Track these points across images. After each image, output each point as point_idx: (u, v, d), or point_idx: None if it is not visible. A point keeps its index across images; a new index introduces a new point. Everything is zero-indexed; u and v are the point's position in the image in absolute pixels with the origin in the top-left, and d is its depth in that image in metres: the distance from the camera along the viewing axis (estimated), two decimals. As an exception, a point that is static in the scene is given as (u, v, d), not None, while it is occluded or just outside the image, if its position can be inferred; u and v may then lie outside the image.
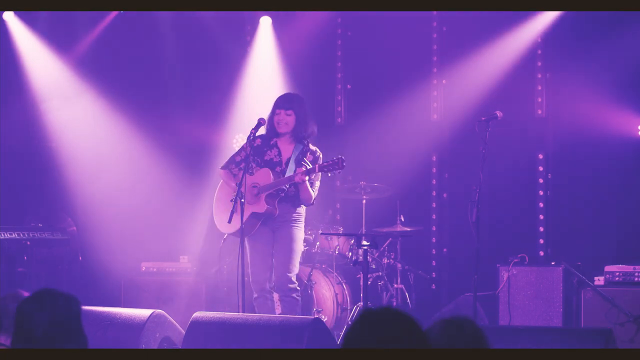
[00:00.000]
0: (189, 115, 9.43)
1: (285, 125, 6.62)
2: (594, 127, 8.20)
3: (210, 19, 9.25)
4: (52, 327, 3.07)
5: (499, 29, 8.54)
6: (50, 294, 3.15)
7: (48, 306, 3.10)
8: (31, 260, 8.42)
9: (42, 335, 3.06)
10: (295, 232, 6.64)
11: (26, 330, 3.07)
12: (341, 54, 9.45)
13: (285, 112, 6.62)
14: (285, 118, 6.61)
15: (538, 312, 7.31)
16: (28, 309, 3.10)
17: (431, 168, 9.08)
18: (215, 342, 5.48)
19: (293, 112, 6.62)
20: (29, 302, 3.13)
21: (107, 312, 6.00)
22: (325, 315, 7.64)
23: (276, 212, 6.57)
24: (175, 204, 9.18)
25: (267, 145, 6.70)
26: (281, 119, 6.62)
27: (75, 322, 3.14)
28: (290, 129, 6.63)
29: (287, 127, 6.63)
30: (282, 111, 6.63)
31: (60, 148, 9.29)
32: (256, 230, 6.61)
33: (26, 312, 3.10)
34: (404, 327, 2.48)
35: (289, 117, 6.61)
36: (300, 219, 6.69)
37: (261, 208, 6.54)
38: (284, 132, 6.64)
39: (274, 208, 6.57)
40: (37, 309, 3.09)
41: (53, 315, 3.08)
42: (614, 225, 8.21)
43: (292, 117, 6.62)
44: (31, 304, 3.12)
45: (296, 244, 6.63)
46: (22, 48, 9.28)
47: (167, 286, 8.47)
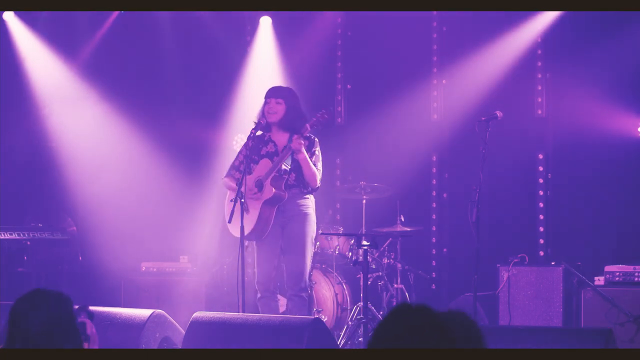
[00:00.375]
0: (189, 115, 9.43)
1: (274, 115, 6.63)
2: (594, 127, 8.20)
3: (210, 19, 9.26)
4: (47, 326, 3.08)
5: (499, 29, 8.54)
6: (42, 294, 3.16)
7: (41, 305, 3.11)
8: (31, 260, 8.43)
9: (38, 334, 3.06)
10: (307, 228, 6.61)
11: (22, 330, 3.08)
12: (341, 54, 9.44)
13: (276, 100, 6.65)
14: (275, 107, 6.63)
15: (538, 312, 7.31)
16: (22, 308, 3.12)
17: (431, 168, 9.08)
18: (215, 342, 5.48)
19: (283, 101, 6.64)
20: (22, 302, 3.15)
21: (107, 312, 6.00)
22: (325, 315, 7.64)
23: (285, 196, 6.54)
24: (175, 203, 9.18)
25: (262, 142, 6.71)
26: (271, 107, 6.63)
27: (69, 321, 3.15)
28: (280, 118, 6.63)
29: (276, 116, 6.63)
30: (272, 100, 6.66)
31: (60, 148, 9.29)
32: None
33: (21, 312, 3.11)
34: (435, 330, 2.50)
35: (278, 106, 6.63)
36: (312, 212, 6.65)
37: (269, 193, 6.53)
38: (274, 121, 6.64)
39: (283, 191, 6.54)
40: (31, 308, 3.10)
41: (47, 314, 3.10)
42: (614, 225, 8.21)
43: (282, 106, 6.63)
44: (24, 304, 3.13)
45: (307, 241, 6.60)
46: (22, 48, 9.28)
47: (167, 286, 8.47)
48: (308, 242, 6.62)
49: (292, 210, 6.59)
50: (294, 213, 6.60)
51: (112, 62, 9.38)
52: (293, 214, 6.60)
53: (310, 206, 6.68)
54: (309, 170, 6.53)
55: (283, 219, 6.61)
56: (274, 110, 6.63)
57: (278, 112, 6.64)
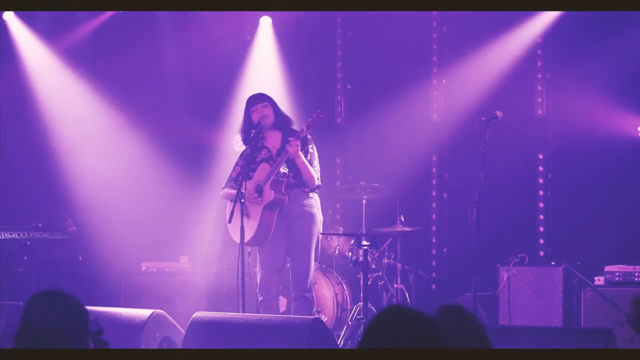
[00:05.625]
0: (189, 115, 9.43)
1: (267, 118, 6.64)
2: (594, 127, 8.20)
3: (210, 19, 9.25)
4: (62, 328, 3.07)
5: (499, 29, 8.54)
6: (62, 296, 3.15)
7: (59, 306, 3.10)
8: (31, 260, 8.43)
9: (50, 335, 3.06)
10: (312, 229, 6.61)
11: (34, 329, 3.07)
12: (341, 54, 9.44)
13: (262, 104, 6.67)
14: (264, 111, 6.65)
15: (538, 312, 7.31)
16: (40, 308, 3.10)
17: (431, 168, 9.08)
18: (215, 342, 5.48)
19: (268, 103, 6.67)
20: (39, 301, 3.13)
21: (107, 312, 6.00)
22: (325, 315, 7.64)
23: (286, 199, 6.55)
24: (175, 204, 9.17)
25: (256, 150, 6.71)
26: (261, 112, 6.64)
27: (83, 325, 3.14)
28: (273, 119, 6.65)
29: (269, 119, 6.65)
30: (257, 106, 6.67)
31: (60, 148, 9.29)
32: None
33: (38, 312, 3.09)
34: (423, 328, 2.50)
35: (266, 109, 6.66)
36: (317, 212, 6.65)
37: (269, 197, 6.53)
38: (269, 123, 6.65)
39: (283, 194, 6.54)
40: (48, 309, 3.09)
41: (64, 316, 3.09)
42: (614, 225, 8.21)
43: (269, 108, 6.66)
44: (41, 303, 3.12)
45: (312, 242, 6.61)
46: (22, 48, 9.28)
47: (167, 286, 8.47)
48: (313, 243, 6.62)
49: (297, 211, 6.59)
50: (300, 213, 6.60)
51: (112, 62, 9.37)
52: (298, 214, 6.60)
53: (315, 205, 6.67)
54: (307, 173, 6.54)
55: (288, 220, 6.61)
56: (264, 114, 6.64)
57: (269, 114, 6.65)
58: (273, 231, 6.56)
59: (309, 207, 6.62)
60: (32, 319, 3.08)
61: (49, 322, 3.06)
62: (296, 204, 6.59)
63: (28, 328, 3.09)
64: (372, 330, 2.53)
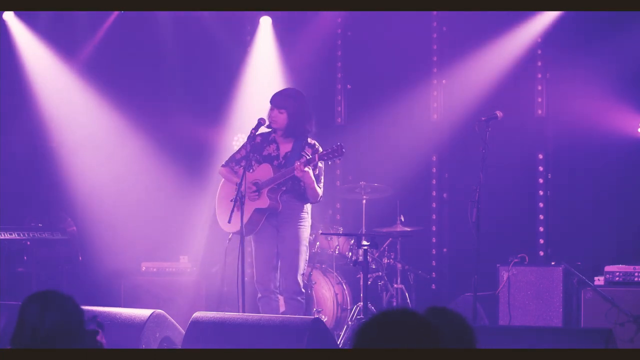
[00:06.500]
0: (189, 115, 9.43)
1: (276, 123, 6.60)
2: (594, 127, 8.20)
3: (210, 19, 9.25)
4: (59, 327, 3.07)
5: (499, 29, 8.54)
6: (58, 296, 3.15)
7: (56, 307, 3.10)
8: (31, 260, 8.43)
9: (46, 335, 3.06)
10: (301, 231, 6.61)
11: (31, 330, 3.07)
12: (341, 54, 9.44)
13: (278, 110, 6.60)
14: (277, 115, 6.59)
15: (538, 312, 7.30)
16: (36, 308, 3.10)
17: (431, 168, 9.08)
18: (215, 342, 5.48)
19: (285, 111, 6.57)
20: (34, 302, 3.13)
21: (107, 312, 6.00)
22: (325, 315, 7.64)
23: (279, 207, 6.55)
24: (175, 204, 9.18)
25: (267, 141, 6.70)
26: (273, 115, 6.60)
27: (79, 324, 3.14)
28: (282, 126, 6.61)
29: (278, 125, 6.61)
30: (274, 108, 6.62)
31: (61, 148, 9.29)
32: (260, 229, 6.60)
33: (34, 312, 3.09)
34: (416, 329, 2.50)
35: (280, 115, 6.58)
36: (306, 216, 6.65)
37: (264, 203, 6.53)
38: (277, 128, 6.63)
39: (277, 202, 6.54)
40: (44, 309, 3.09)
41: (60, 316, 3.09)
42: (614, 225, 8.21)
43: (283, 116, 6.58)
44: (36, 304, 3.12)
45: (301, 244, 6.60)
46: (22, 48, 9.28)
47: (167, 286, 8.47)
48: (302, 246, 6.61)
49: (286, 214, 6.59)
50: (288, 216, 6.60)
51: (112, 62, 9.38)
52: (287, 217, 6.60)
53: (305, 210, 6.67)
54: (312, 192, 6.51)
55: (277, 222, 6.62)
56: (275, 119, 6.60)
57: (279, 121, 6.59)
58: (265, 231, 6.57)
59: (297, 210, 6.62)
60: (28, 319, 3.08)
61: (45, 323, 3.06)
62: (286, 206, 6.59)
63: (24, 329, 3.08)
64: (360, 336, 2.54)
